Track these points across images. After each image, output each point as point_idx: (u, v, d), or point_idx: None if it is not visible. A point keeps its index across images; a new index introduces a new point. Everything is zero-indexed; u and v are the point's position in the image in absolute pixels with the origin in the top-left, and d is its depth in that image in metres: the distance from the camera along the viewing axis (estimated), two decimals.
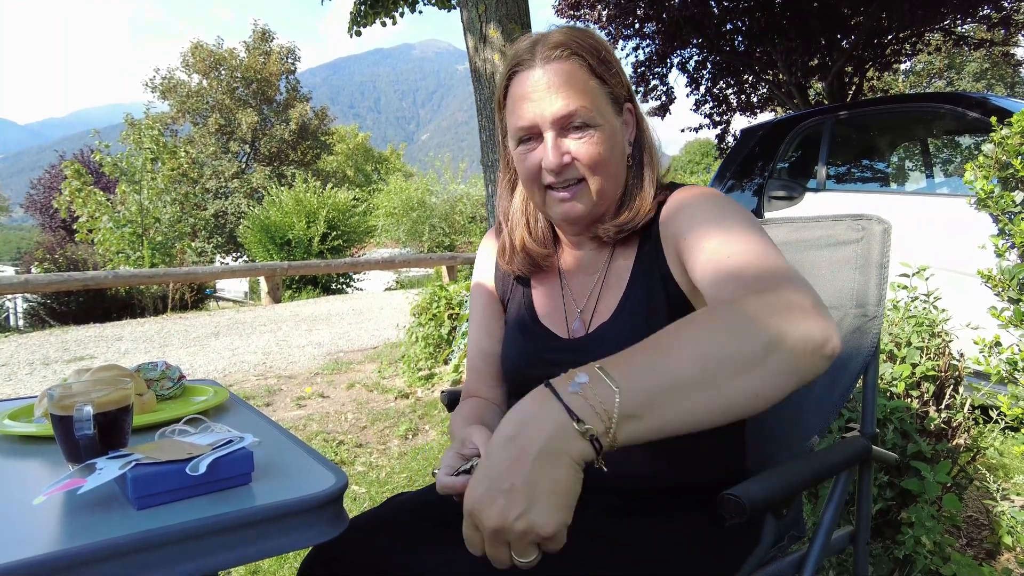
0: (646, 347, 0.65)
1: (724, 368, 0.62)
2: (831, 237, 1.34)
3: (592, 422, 0.60)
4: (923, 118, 3.47)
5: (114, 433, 0.77)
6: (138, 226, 12.00)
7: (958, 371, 1.95)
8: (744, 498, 0.84)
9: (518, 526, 0.59)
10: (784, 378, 0.64)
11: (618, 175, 0.96)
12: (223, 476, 0.69)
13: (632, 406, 0.60)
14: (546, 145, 0.91)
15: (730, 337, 0.64)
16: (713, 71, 9.48)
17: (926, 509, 1.77)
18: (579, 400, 0.61)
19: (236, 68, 28.20)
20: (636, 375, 0.62)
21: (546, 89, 0.89)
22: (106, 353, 5.73)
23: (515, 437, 0.61)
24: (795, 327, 0.65)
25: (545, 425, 0.60)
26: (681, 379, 0.62)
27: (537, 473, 0.59)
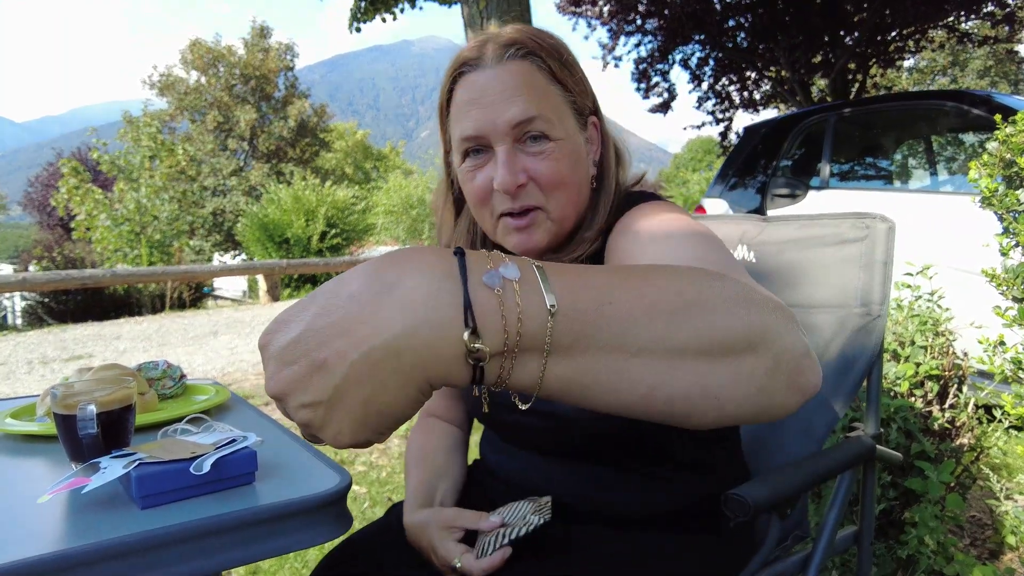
0: (608, 272, 0.48)
1: (699, 338, 0.45)
2: (835, 235, 1.33)
3: (491, 339, 0.42)
4: (926, 115, 3.46)
5: (117, 432, 0.77)
6: (136, 224, 11.98)
7: (962, 370, 1.95)
8: (748, 498, 0.83)
9: (301, 417, 0.43)
10: (754, 389, 0.47)
11: (580, 199, 0.83)
12: (227, 475, 0.69)
13: (562, 335, 0.43)
14: (498, 160, 0.77)
15: (721, 302, 0.47)
16: (715, 68, 9.46)
17: (929, 509, 1.76)
18: (489, 299, 0.42)
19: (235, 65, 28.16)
20: (585, 298, 0.44)
21: (498, 92, 0.76)
22: (104, 352, 5.71)
23: (373, 294, 0.41)
24: (792, 334, 0.50)
25: (420, 307, 0.41)
26: (641, 332, 0.44)
27: (365, 377, 0.41)
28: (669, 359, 0.45)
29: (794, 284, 1.36)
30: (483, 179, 0.80)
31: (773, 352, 0.48)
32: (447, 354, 0.42)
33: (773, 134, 4.10)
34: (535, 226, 0.81)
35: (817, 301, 1.32)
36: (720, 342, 0.46)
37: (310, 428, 0.43)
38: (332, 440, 0.43)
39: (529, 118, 0.76)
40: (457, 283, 0.42)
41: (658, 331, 0.45)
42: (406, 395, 0.43)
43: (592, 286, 0.45)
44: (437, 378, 0.43)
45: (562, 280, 0.45)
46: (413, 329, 0.41)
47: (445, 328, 0.41)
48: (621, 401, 0.46)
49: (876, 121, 3.77)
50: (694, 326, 0.45)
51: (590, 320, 0.43)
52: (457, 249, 0.45)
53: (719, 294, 0.48)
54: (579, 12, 9.20)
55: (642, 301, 0.45)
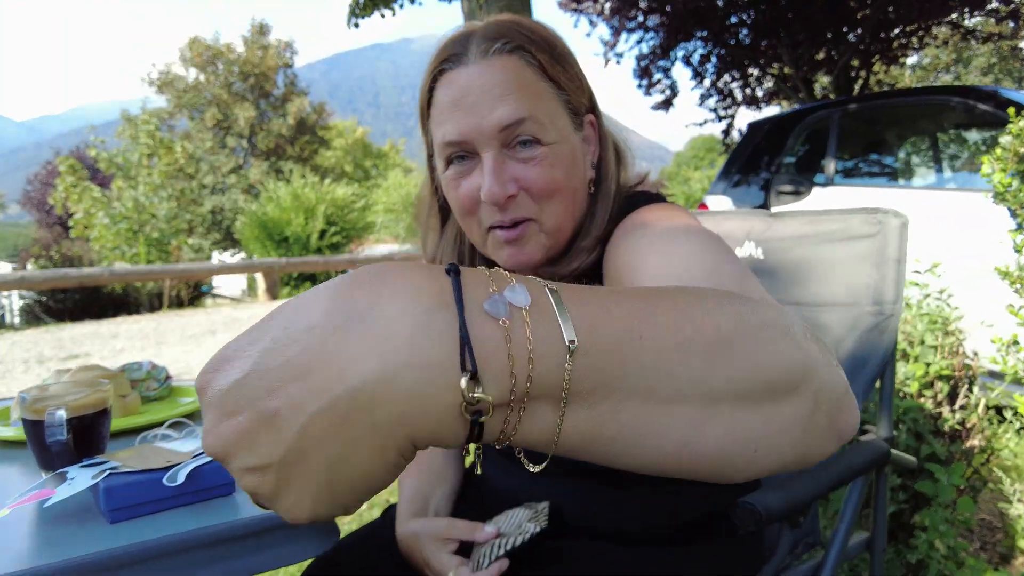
0: (631, 298, 0.39)
1: (740, 380, 0.38)
2: (845, 231, 1.29)
3: (495, 386, 0.33)
4: (932, 111, 3.42)
5: (90, 439, 0.72)
6: (134, 222, 11.93)
7: (972, 370, 1.91)
8: (759, 506, 0.79)
9: (247, 483, 0.33)
10: (795, 436, 0.40)
11: (577, 208, 0.76)
12: (204, 486, 0.64)
13: (584, 378, 0.35)
14: (484, 169, 0.70)
15: (763, 335, 0.40)
16: (718, 64, 9.40)
17: (940, 512, 1.72)
18: (494, 333, 0.33)
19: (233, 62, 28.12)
20: (610, 331, 0.36)
21: (483, 92, 0.68)
22: (101, 351, 5.68)
23: (339, 326, 0.32)
24: (831, 368, 0.43)
25: (402, 344, 0.32)
26: (676, 373, 0.36)
27: (327, 436, 0.31)
28: (705, 406, 0.37)
29: (803, 281, 1.32)
30: (469, 188, 0.73)
31: (814, 390, 0.41)
32: (437, 406, 0.32)
33: (777, 130, 4.06)
34: (527, 239, 0.74)
35: (827, 299, 1.28)
36: (763, 383, 0.38)
37: (258, 497, 0.34)
38: (286, 514, 0.34)
39: (518, 120, 0.69)
40: (451, 312, 0.33)
41: (694, 373, 0.37)
42: (382, 459, 0.33)
43: (617, 316, 0.36)
44: (423, 437, 0.33)
45: (582, 308, 0.36)
46: (392, 373, 0.31)
47: (435, 372, 0.32)
48: (646, 458, 0.38)
49: (881, 117, 3.73)
50: (735, 366, 0.38)
51: (616, 359, 0.35)
52: (450, 266, 0.36)
53: (759, 324, 0.40)
54: (580, 9, 9.15)
55: (676, 336, 0.37)
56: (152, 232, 12.15)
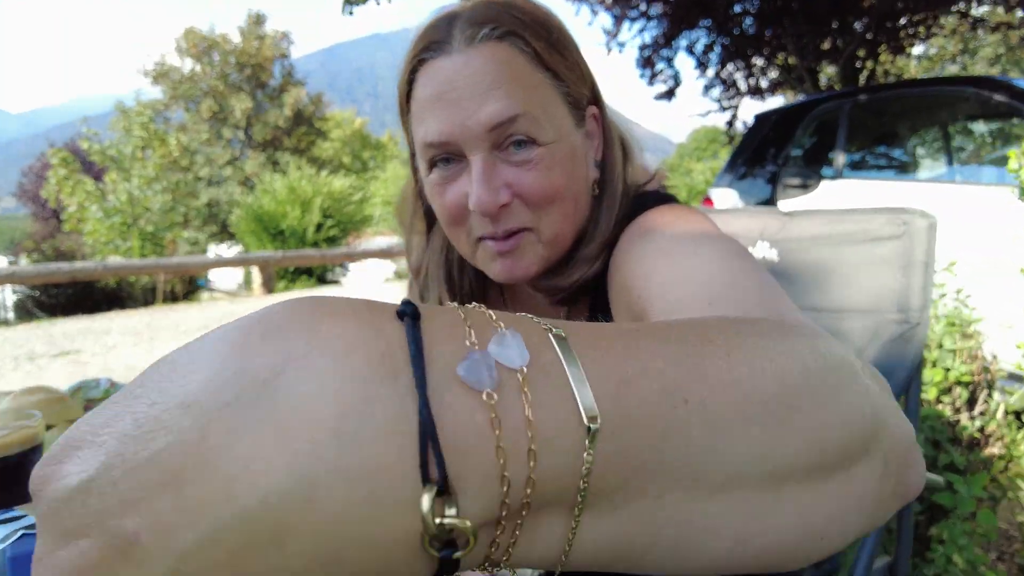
0: (661, 338, 0.29)
1: (810, 449, 0.28)
2: (867, 232, 1.20)
3: (476, 503, 0.23)
4: (945, 102, 3.31)
5: (15, 483, 0.63)
6: (128, 216, 11.81)
7: (991, 374, 1.82)
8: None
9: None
10: (866, 510, 0.32)
11: (579, 212, 0.67)
12: None
13: (608, 473, 0.25)
14: (473, 174, 0.61)
15: (832, 382, 0.31)
16: (721, 54, 9.27)
17: (959, 525, 1.64)
18: (473, 416, 0.23)
19: (229, 53, 27.90)
20: (644, 395, 0.26)
21: (470, 85, 0.59)
22: (93, 347, 5.58)
23: (227, 403, 0.21)
24: (898, 415, 0.35)
25: (325, 437, 0.21)
26: (733, 448, 0.27)
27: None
28: (766, 489, 0.27)
29: (821, 286, 1.23)
30: (455, 195, 0.64)
31: (883, 449, 0.32)
32: (384, 539, 0.22)
33: (784, 122, 3.96)
34: (523, 250, 0.65)
35: (847, 305, 1.19)
36: (836, 449, 0.29)
37: None
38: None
39: (510, 117, 0.60)
40: (405, 383, 0.22)
41: (754, 446, 0.27)
42: None
43: (652, 371, 0.26)
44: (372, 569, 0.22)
45: (603, 363, 0.26)
46: (309, 487, 0.20)
47: (379, 484, 0.21)
48: (689, 564, 0.28)
49: (892, 108, 3.62)
50: (804, 429, 0.28)
51: (654, 438, 0.25)
52: (404, 305, 0.25)
53: (824, 368, 0.31)
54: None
55: (731, 396, 0.27)
56: (146, 226, 12.03)
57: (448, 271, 0.78)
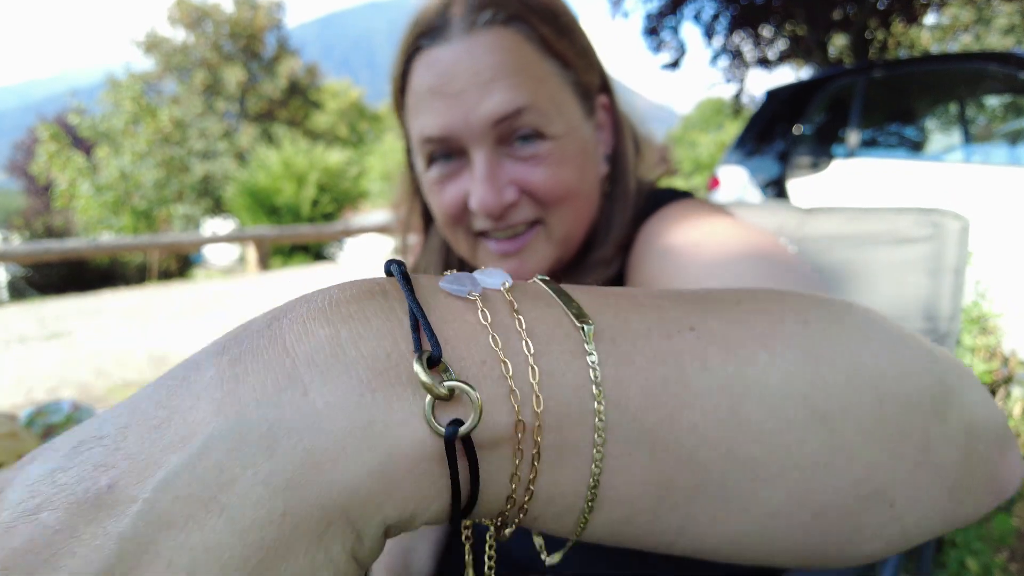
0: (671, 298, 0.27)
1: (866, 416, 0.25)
2: (893, 232, 1.12)
3: (484, 382, 0.21)
4: (968, 79, 3.18)
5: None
6: (120, 192, 11.63)
7: (1009, 369, 1.75)
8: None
9: None
10: (946, 486, 0.27)
11: (589, 210, 0.63)
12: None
13: (635, 382, 0.23)
14: (475, 172, 0.57)
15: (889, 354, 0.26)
16: (729, 23, 9.05)
17: (973, 529, 1.59)
18: (464, 310, 0.23)
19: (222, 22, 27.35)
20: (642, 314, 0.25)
21: (471, 75, 0.54)
22: (85, 328, 5.52)
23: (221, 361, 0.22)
24: (980, 388, 0.30)
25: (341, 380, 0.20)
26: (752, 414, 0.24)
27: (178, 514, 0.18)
28: (814, 428, 0.24)
29: (842, 289, 1.15)
30: (455, 194, 0.58)
31: (962, 418, 0.27)
32: (385, 428, 0.20)
33: (796, 98, 3.85)
34: (527, 251, 0.60)
35: None
36: (896, 399, 0.26)
37: None
38: None
39: (516, 110, 0.54)
40: (393, 295, 0.23)
41: (785, 371, 0.24)
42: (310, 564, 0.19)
43: (648, 305, 0.25)
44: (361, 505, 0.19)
45: (589, 293, 0.25)
46: (301, 388, 0.20)
47: (376, 374, 0.20)
48: (742, 522, 0.24)
49: (910, 85, 3.49)
50: (847, 365, 0.25)
51: (671, 355, 0.23)
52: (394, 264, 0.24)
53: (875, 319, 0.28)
54: None
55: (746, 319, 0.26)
56: (139, 202, 11.86)
57: (445, 267, 0.73)
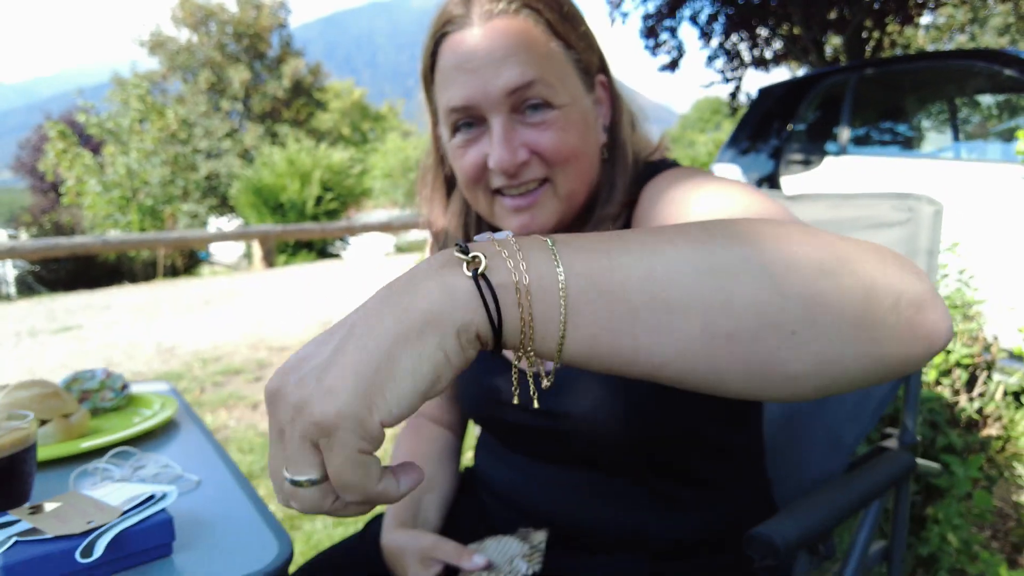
0: (611, 233, 0.42)
1: (764, 274, 0.38)
2: (872, 218, 1.19)
3: (495, 272, 0.37)
4: (955, 76, 3.24)
5: (9, 484, 0.62)
6: (127, 189, 11.71)
7: (991, 355, 1.82)
8: (776, 538, 0.71)
9: (292, 396, 0.35)
10: (839, 345, 0.38)
11: (591, 172, 0.73)
12: (135, 550, 0.55)
13: (573, 267, 0.38)
14: (493, 135, 0.67)
15: (790, 240, 0.40)
16: (726, 24, 9.10)
17: (955, 506, 1.65)
18: (485, 242, 0.40)
19: (226, 22, 27.41)
20: (588, 244, 0.40)
21: (489, 54, 0.65)
22: (94, 323, 5.60)
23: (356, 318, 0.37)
24: (901, 277, 0.41)
25: (422, 278, 0.38)
26: (678, 257, 0.38)
27: (366, 326, 0.36)
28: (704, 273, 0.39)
29: None
30: (476, 156, 0.69)
31: (906, 301, 0.40)
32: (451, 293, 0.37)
33: (789, 96, 3.90)
34: (538, 206, 0.71)
35: None
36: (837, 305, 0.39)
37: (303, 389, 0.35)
38: (326, 394, 0.34)
39: (527, 82, 0.65)
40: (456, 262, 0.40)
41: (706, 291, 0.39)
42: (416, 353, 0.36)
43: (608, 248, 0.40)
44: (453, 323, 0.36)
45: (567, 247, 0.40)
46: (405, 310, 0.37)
47: (447, 276, 0.38)
48: (671, 342, 0.38)
49: (900, 83, 3.55)
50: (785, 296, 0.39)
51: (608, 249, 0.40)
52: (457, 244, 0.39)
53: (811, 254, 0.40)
54: None
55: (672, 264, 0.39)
56: (145, 199, 11.94)
57: (467, 233, 0.83)
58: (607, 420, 0.70)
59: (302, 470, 0.35)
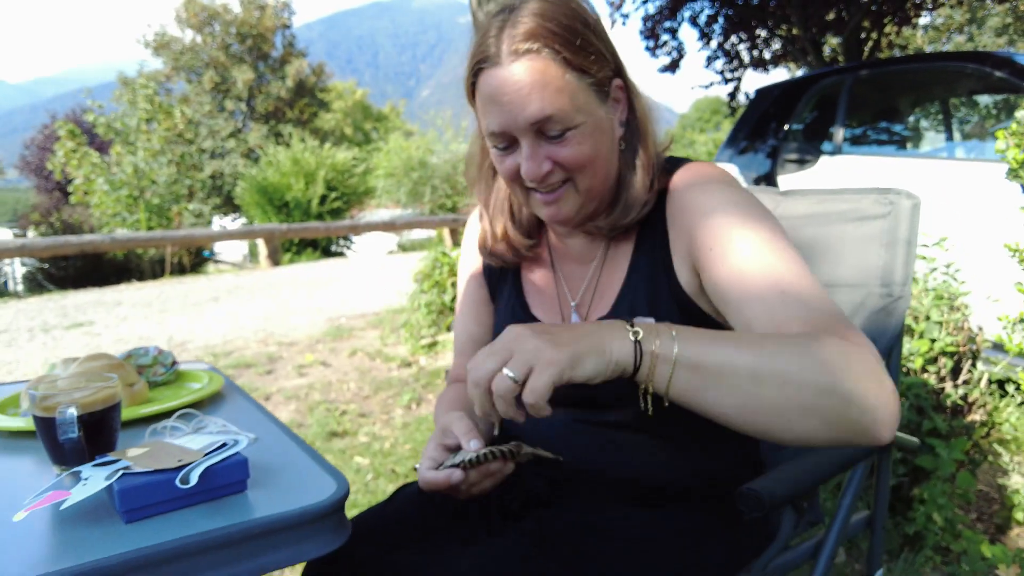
0: (713, 332, 0.68)
1: (779, 380, 0.64)
2: (856, 211, 1.28)
3: (645, 334, 0.66)
4: (947, 78, 3.33)
5: (101, 434, 0.72)
6: (134, 188, 11.82)
7: (976, 345, 1.91)
8: (763, 493, 0.80)
9: (538, 339, 0.64)
10: (821, 429, 0.64)
11: (608, 168, 0.88)
12: (216, 485, 0.65)
13: (683, 357, 0.65)
14: (523, 153, 0.83)
15: (801, 361, 0.64)
16: (725, 25, 9.17)
17: (939, 486, 1.74)
18: (643, 325, 0.67)
19: (230, 23, 27.50)
20: (695, 338, 0.67)
21: (514, 92, 0.79)
22: (105, 319, 5.70)
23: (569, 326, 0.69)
24: (865, 390, 0.63)
25: (606, 325, 0.68)
26: (734, 364, 0.64)
27: (576, 331, 0.66)
28: (758, 390, 0.65)
29: (812, 262, 1.31)
30: (511, 164, 0.85)
31: (850, 409, 0.64)
32: (621, 339, 0.67)
33: (786, 97, 3.98)
34: (563, 200, 0.86)
35: (836, 280, 1.28)
36: (802, 396, 0.64)
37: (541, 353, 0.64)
38: (553, 352, 0.63)
39: (546, 117, 0.79)
40: (623, 326, 0.68)
41: (749, 373, 0.66)
42: (596, 356, 0.65)
43: (698, 334, 0.68)
44: (616, 354, 0.66)
45: (678, 329, 0.68)
46: (607, 331, 0.68)
47: (620, 331, 0.68)
48: (720, 412, 0.67)
49: (893, 84, 3.64)
50: (778, 383, 0.65)
51: (700, 350, 0.66)
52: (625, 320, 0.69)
53: (802, 365, 0.65)
54: None
55: (739, 355, 0.66)
56: (152, 198, 12.04)
57: (509, 206, 1.00)
58: None
59: (515, 372, 0.63)
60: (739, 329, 0.77)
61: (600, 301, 0.93)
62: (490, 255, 1.02)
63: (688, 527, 0.88)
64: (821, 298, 0.73)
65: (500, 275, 1.06)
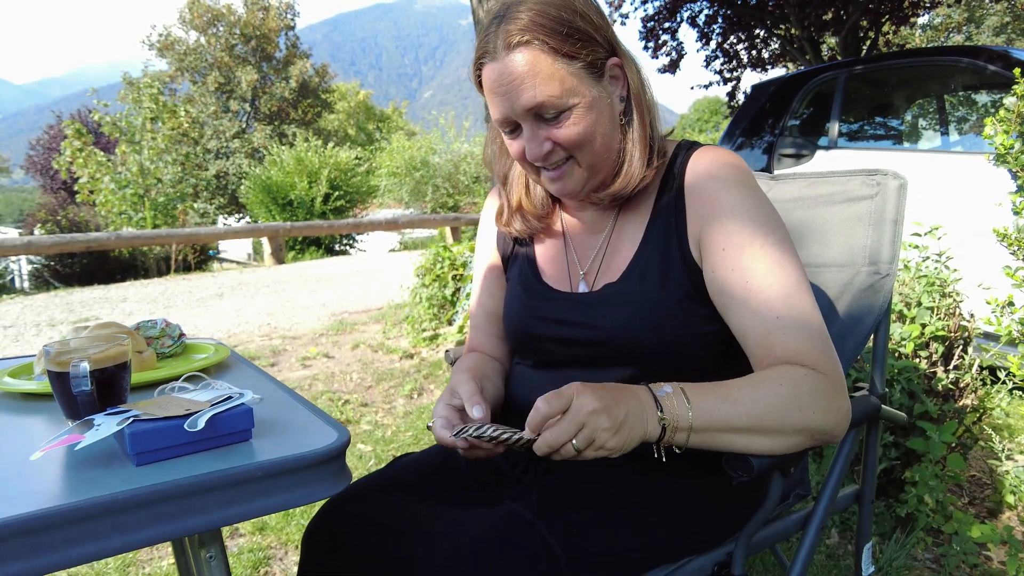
0: (717, 391, 0.79)
1: (765, 431, 0.79)
2: (844, 193, 1.31)
3: (668, 417, 0.77)
4: (941, 73, 3.35)
5: (112, 389, 0.76)
6: (139, 187, 11.89)
7: (968, 331, 1.93)
8: (751, 457, 0.83)
9: (609, 421, 0.74)
10: (793, 448, 0.82)
11: (609, 143, 0.93)
12: (223, 432, 0.68)
13: (695, 426, 0.77)
14: (524, 136, 0.91)
15: (781, 413, 0.79)
16: (724, 25, 9.21)
17: (930, 469, 1.77)
18: (666, 401, 0.78)
19: (234, 24, 27.61)
20: (705, 407, 0.77)
21: (510, 83, 0.87)
22: (111, 314, 5.75)
23: (621, 397, 0.76)
24: (825, 422, 0.81)
25: (643, 403, 0.77)
26: (733, 426, 0.78)
27: (628, 415, 0.76)
28: (748, 438, 0.81)
29: (803, 243, 1.34)
30: (519, 146, 0.93)
31: (814, 434, 0.82)
32: (652, 419, 0.77)
33: (781, 93, 4.01)
34: (567, 176, 0.93)
35: (825, 260, 1.30)
36: (781, 432, 0.81)
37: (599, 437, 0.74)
38: (615, 440, 0.75)
39: (539, 103, 0.86)
40: (651, 396, 0.79)
41: (743, 428, 0.80)
42: (636, 432, 0.76)
43: (708, 400, 0.79)
44: (647, 430, 0.77)
45: (694, 396, 0.79)
46: (643, 408, 0.77)
47: (651, 411, 0.77)
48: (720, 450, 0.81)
49: (888, 79, 3.66)
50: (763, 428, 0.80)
51: (707, 418, 0.78)
52: (645, 385, 0.80)
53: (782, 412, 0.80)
54: None
55: (737, 416, 0.79)
56: (158, 197, 12.12)
57: (524, 180, 1.07)
58: (626, 328, 0.92)
59: (581, 446, 0.73)
60: (733, 327, 0.88)
61: (608, 270, 0.98)
62: (507, 226, 1.08)
63: (681, 496, 0.92)
64: (810, 321, 0.83)
65: (514, 246, 1.12)
